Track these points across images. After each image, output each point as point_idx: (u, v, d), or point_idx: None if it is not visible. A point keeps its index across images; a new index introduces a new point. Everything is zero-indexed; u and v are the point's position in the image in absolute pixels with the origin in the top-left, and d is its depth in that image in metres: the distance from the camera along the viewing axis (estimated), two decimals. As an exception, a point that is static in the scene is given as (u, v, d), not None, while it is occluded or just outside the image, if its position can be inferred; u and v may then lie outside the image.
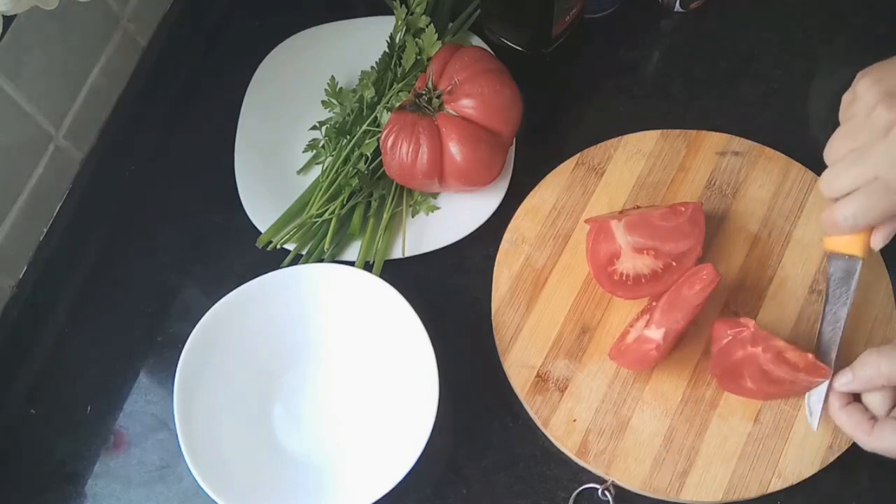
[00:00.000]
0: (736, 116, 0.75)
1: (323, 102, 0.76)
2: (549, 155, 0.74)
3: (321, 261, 0.70)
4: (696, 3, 0.81)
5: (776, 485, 0.61)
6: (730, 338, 0.60)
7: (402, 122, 0.68)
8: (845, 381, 0.58)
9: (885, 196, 0.54)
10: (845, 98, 0.57)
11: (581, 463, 0.63)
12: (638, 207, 0.69)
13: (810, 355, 0.59)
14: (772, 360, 0.59)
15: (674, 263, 0.65)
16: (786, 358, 0.59)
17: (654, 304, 0.64)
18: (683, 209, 0.66)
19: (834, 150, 0.57)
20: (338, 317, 0.67)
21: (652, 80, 0.79)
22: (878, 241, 0.58)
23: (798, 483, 0.61)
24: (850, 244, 0.60)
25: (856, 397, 0.59)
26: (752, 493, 0.61)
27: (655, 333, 0.60)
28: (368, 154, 0.72)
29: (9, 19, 0.64)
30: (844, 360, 0.60)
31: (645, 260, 0.65)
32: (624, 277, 0.66)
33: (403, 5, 0.75)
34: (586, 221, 0.68)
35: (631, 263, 0.65)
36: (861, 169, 0.54)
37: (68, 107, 0.74)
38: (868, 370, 0.57)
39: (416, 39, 0.73)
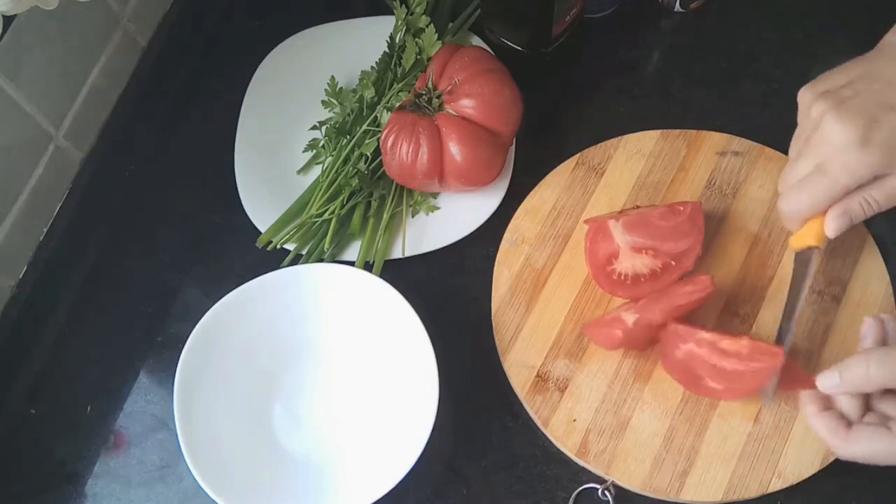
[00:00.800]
0: (736, 116, 0.75)
1: (323, 102, 0.76)
2: (549, 155, 0.74)
3: (321, 261, 0.70)
4: (696, 3, 0.81)
5: (776, 485, 0.61)
6: (667, 338, 0.62)
7: (402, 122, 0.68)
8: (831, 383, 0.56)
9: (822, 180, 0.57)
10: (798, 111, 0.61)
11: (581, 463, 0.63)
12: (637, 207, 0.69)
13: (745, 339, 0.59)
14: (713, 354, 0.60)
15: (673, 263, 0.65)
16: (723, 349, 0.60)
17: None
18: (682, 208, 0.66)
19: (790, 153, 0.62)
20: (338, 317, 0.67)
21: (652, 80, 0.79)
22: (830, 226, 0.59)
23: (798, 483, 0.61)
24: (804, 235, 0.61)
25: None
26: (752, 493, 0.61)
27: (627, 317, 0.62)
28: (368, 154, 0.72)
29: (9, 19, 0.64)
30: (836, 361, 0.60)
31: (644, 259, 0.65)
32: (623, 277, 0.66)
33: (403, 5, 0.75)
34: (585, 222, 0.68)
35: (630, 263, 0.66)
36: (803, 161, 0.58)
37: (68, 107, 0.74)
38: (856, 374, 0.55)
39: (416, 39, 0.73)
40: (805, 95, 0.59)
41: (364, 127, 0.72)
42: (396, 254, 0.71)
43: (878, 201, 0.58)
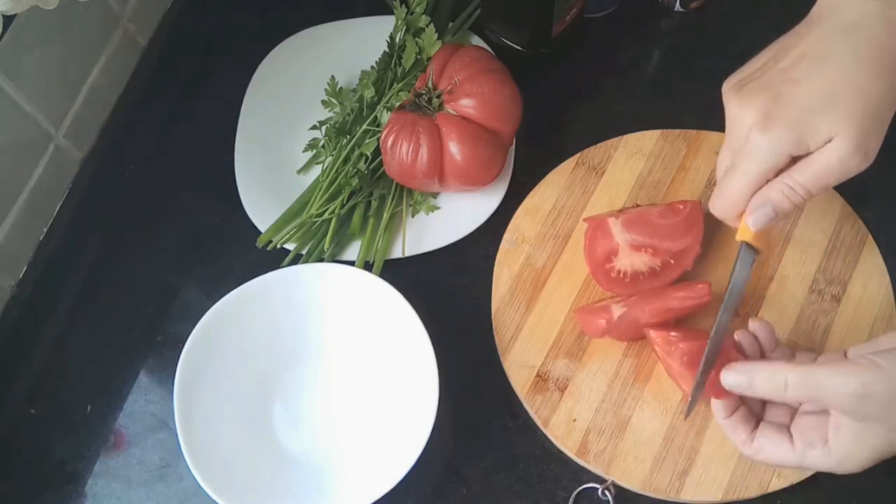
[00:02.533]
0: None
1: (323, 102, 0.76)
2: (549, 155, 0.75)
3: (321, 261, 0.70)
4: (696, 3, 0.81)
5: (776, 484, 0.61)
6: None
7: (402, 122, 0.68)
8: (738, 384, 0.53)
9: (734, 174, 0.54)
10: None
11: (581, 462, 0.63)
12: (637, 206, 0.69)
13: (673, 334, 0.60)
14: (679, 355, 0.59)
15: (672, 261, 0.65)
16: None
17: None
18: (682, 207, 0.66)
19: None
20: (338, 317, 0.67)
21: (652, 80, 0.79)
22: (749, 220, 0.55)
23: (798, 483, 0.61)
24: (741, 231, 0.56)
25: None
26: (752, 492, 0.61)
27: (615, 309, 0.62)
28: (368, 154, 0.72)
29: (9, 19, 0.64)
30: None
31: (643, 257, 0.65)
32: (621, 275, 0.66)
33: (403, 5, 0.75)
34: (585, 220, 0.68)
35: (628, 261, 0.66)
36: (722, 154, 0.57)
37: (68, 107, 0.74)
38: (771, 391, 0.52)
39: (416, 39, 0.73)
40: (723, 91, 0.56)
41: (364, 127, 0.72)
42: (396, 254, 0.71)
43: (803, 185, 0.52)
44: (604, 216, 0.67)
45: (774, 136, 0.51)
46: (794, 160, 0.52)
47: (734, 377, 0.53)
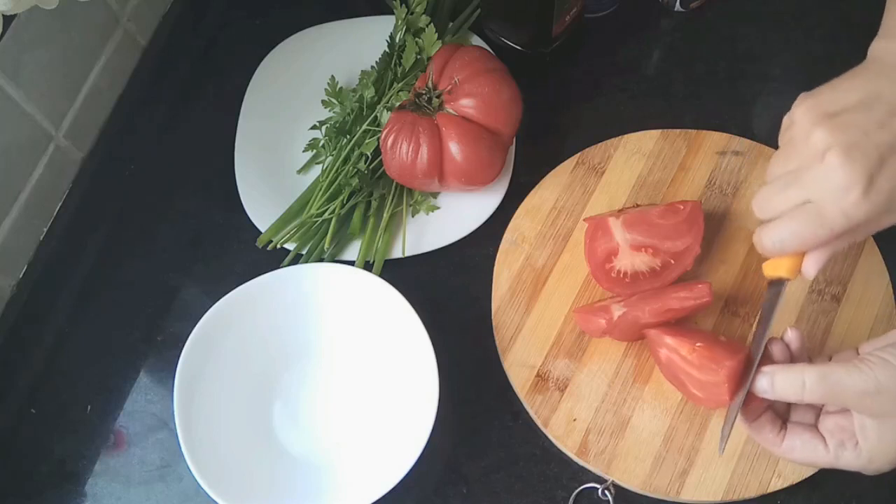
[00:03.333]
0: (736, 116, 0.75)
1: (323, 102, 0.76)
2: (549, 155, 0.75)
3: (321, 260, 0.70)
4: (696, 3, 0.81)
5: (776, 484, 0.61)
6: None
7: (402, 122, 0.68)
8: (762, 388, 0.54)
9: (814, 222, 0.51)
10: (785, 120, 0.55)
11: (581, 462, 0.63)
12: (637, 206, 0.69)
13: (698, 345, 0.57)
14: (682, 362, 0.58)
15: (672, 261, 0.65)
16: (684, 357, 0.58)
17: None
18: (682, 207, 0.66)
19: (771, 172, 0.55)
20: (338, 317, 0.67)
21: (652, 80, 0.79)
22: (810, 269, 0.54)
23: (798, 483, 0.61)
24: (779, 267, 0.56)
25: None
26: (752, 492, 0.61)
27: (615, 309, 0.62)
28: (368, 153, 0.72)
29: (9, 19, 0.64)
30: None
31: (643, 257, 0.65)
32: (621, 275, 0.66)
33: (404, 5, 0.75)
34: (585, 220, 0.68)
35: (629, 261, 0.66)
36: (793, 192, 0.52)
37: (68, 107, 0.74)
38: (790, 393, 0.53)
39: (417, 39, 0.73)
40: (805, 113, 0.52)
41: (364, 126, 0.72)
42: (396, 253, 0.71)
43: (857, 238, 0.54)
44: (604, 216, 0.67)
45: (874, 205, 0.50)
46: None
47: (759, 382, 0.54)
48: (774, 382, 0.54)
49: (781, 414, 0.57)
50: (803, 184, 0.52)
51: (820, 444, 0.54)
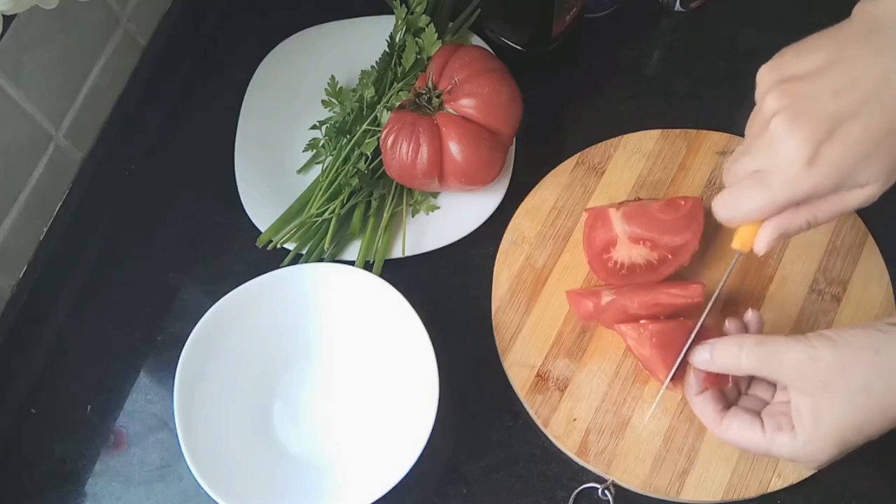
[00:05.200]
0: (736, 116, 0.75)
1: (323, 102, 0.76)
2: (549, 154, 0.75)
3: (321, 260, 0.70)
4: (696, 3, 0.81)
5: (776, 484, 0.61)
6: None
7: (402, 122, 0.68)
8: (702, 359, 0.56)
9: (760, 191, 0.50)
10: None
11: (581, 462, 0.63)
12: (639, 199, 0.70)
13: (643, 322, 0.60)
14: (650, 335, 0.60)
15: (669, 256, 0.65)
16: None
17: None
18: (683, 203, 0.66)
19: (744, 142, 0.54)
20: (338, 317, 0.67)
21: (652, 80, 0.79)
22: (760, 244, 0.53)
23: (798, 482, 0.61)
24: (735, 238, 0.55)
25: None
26: (752, 492, 0.61)
27: (605, 295, 0.63)
28: (368, 153, 0.72)
29: (9, 19, 0.64)
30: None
31: (641, 250, 0.66)
32: (618, 266, 0.66)
33: (404, 5, 0.75)
34: (586, 210, 0.68)
35: (626, 252, 0.66)
36: (744, 160, 0.51)
37: (68, 107, 0.74)
38: (728, 356, 0.55)
39: (417, 39, 0.73)
40: (763, 78, 0.51)
41: (364, 126, 0.72)
42: (396, 253, 0.71)
43: (818, 218, 0.51)
44: (605, 207, 0.67)
45: (819, 177, 0.48)
46: None
47: (699, 353, 0.57)
48: (714, 352, 0.55)
49: (731, 400, 0.58)
50: (752, 153, 0.50)
51: (758, 425, 0.54)
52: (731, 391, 0.58)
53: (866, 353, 0.50)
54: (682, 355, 0.58)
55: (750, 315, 0.59)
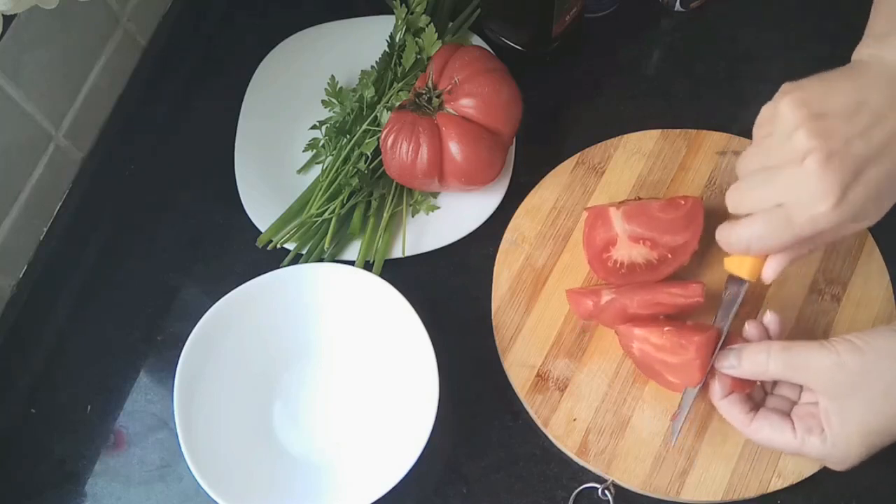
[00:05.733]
0: (736, 116, 0.75)
1: (323, 102, 0.76)
2: (549, 154, 0.75)
3: (321, 260, 0.70)
4: (696, 3, 0.81)
5: (776, 484, 0.61)
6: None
7: (402, 122, 0.68)
8: (729, 364, 0.57)
9: (784, 226, 0.51)
10: (765, 111, 0.54)
11: (581, 462, 0.63)
12: (639, 199, 0.70)
13: (667, 328, 0.60)
14: (655, 350, 0.60)
15: (669, 256, 0.65)
16: (655, 343, 0.60)
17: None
18: (683, 202, 0.66)
19: (745, 164, 0.54)
20: (338, 317, 0.67)
21: (652, 80, 0.79)
22: (769, 273, 0.56)
23: (798, 482, 0.61)
24: (741, 267, 0.57)
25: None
26: (752, 492, 0.61)
27: (605, 294, 0.63)
28: (368, 153, 0.72)
29: (9, 19, 0.64)
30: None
31: (640, 249, 0.66)
32: (618, 265, 0.66)
33: (403, 5, 0.75)
34: (586, 209, 0.69)
35: (626, 252, 0.66)
36: (768, 192, 0.52)
37: (68, 107, 0.74)
38: (755, 367, 0.56)
39: (417, 39, 0.73)
40: (792, 109, 0.51)
41: (364, 126, 0.72)
42: (396, 253, 0.71)
43: (818, 247, 0.56)
44: (605, 206, 0.67)
45: (841, 217, 0.50)
46: None
47: (726, 358, 0.57)
48: (742, 357, 0.56)
49: (757, 402, 0.58)
50: (778, 185, 0.51)
51: (788, 427, 0.55)
52: (758, 391, 0.59)
53: (887, 359, 0.52)
54: (710, 361, 0.58)
55: (769, 317, 0.59)
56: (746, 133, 0.73)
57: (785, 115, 0.51)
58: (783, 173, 0.51)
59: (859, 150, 0.49)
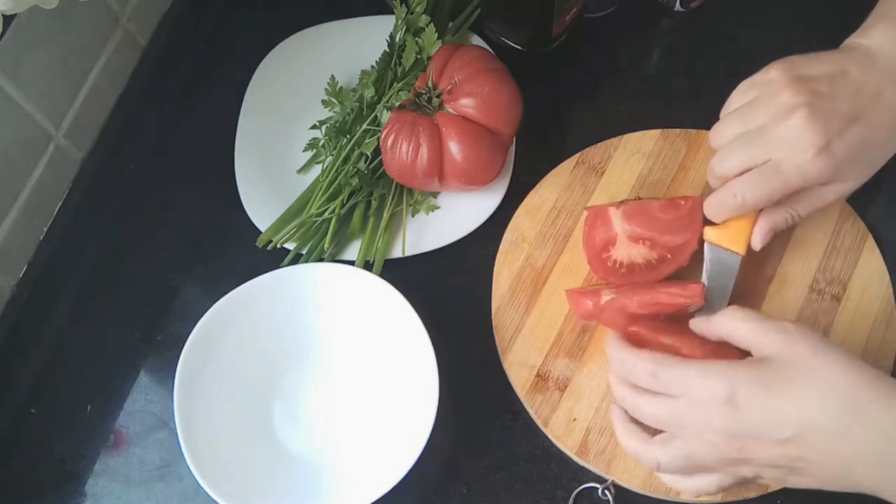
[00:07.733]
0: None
1: (323, 102, 0.76)
2: (550, 154, 0.75)
3: (321, 260, 0.70)
4: (696, 3, 0.81)
5: (776, 484, 0.60)
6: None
7: (402, 122, 0.68)
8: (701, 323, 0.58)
9: (774, 174, 0.56)
10: (742, 86, 0.60)
11: (581, 462, 0.63)
12: (639, 199, 0.70)
13: (697, 342, 0.58)
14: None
15: (669, 255, 0.65)
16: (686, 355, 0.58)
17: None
18: (683, 202, 0.66)
19: (723, 133, 0.59)
20: (338, 317, 0.67)
21: (652, 80, 0.79)
22: (758, 239, 0.61)
23: (798, 482, 0.61)
24: (732, 238, 0.60)
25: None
26: (753, 492, 0.60)
27: (604, 294, 0.63)
28: (368, 153, 0.72)
29: (9, 19, 0.64)
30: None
31: (640, 249, 0.66)
32: (618, 265, 0.66)
33: (404, 4, 0.75)
34: (586, 209, 0.69)
35: (626, 251, 0.66)
36: (755, 148, 0.56)
37: (68, 107, 0.74)
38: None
39: (417, 39, 0.73)
40: (780, 74, 0.57)
41: (364, 126, 0.72)
42: (396, 253, 0.71)
43: (798, 213, 0.60)
44: (605, 206, 0.67)
45: (823, 167, 0.55)
46: None
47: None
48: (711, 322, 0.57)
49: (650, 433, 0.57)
50: (766, 141, 0.56)
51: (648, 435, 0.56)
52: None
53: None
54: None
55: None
56: (746, 133, 0.73)
57: (774, 77, 0.57)
58: (770, 129, 0.56)
59: (842, 109, 0.55)
